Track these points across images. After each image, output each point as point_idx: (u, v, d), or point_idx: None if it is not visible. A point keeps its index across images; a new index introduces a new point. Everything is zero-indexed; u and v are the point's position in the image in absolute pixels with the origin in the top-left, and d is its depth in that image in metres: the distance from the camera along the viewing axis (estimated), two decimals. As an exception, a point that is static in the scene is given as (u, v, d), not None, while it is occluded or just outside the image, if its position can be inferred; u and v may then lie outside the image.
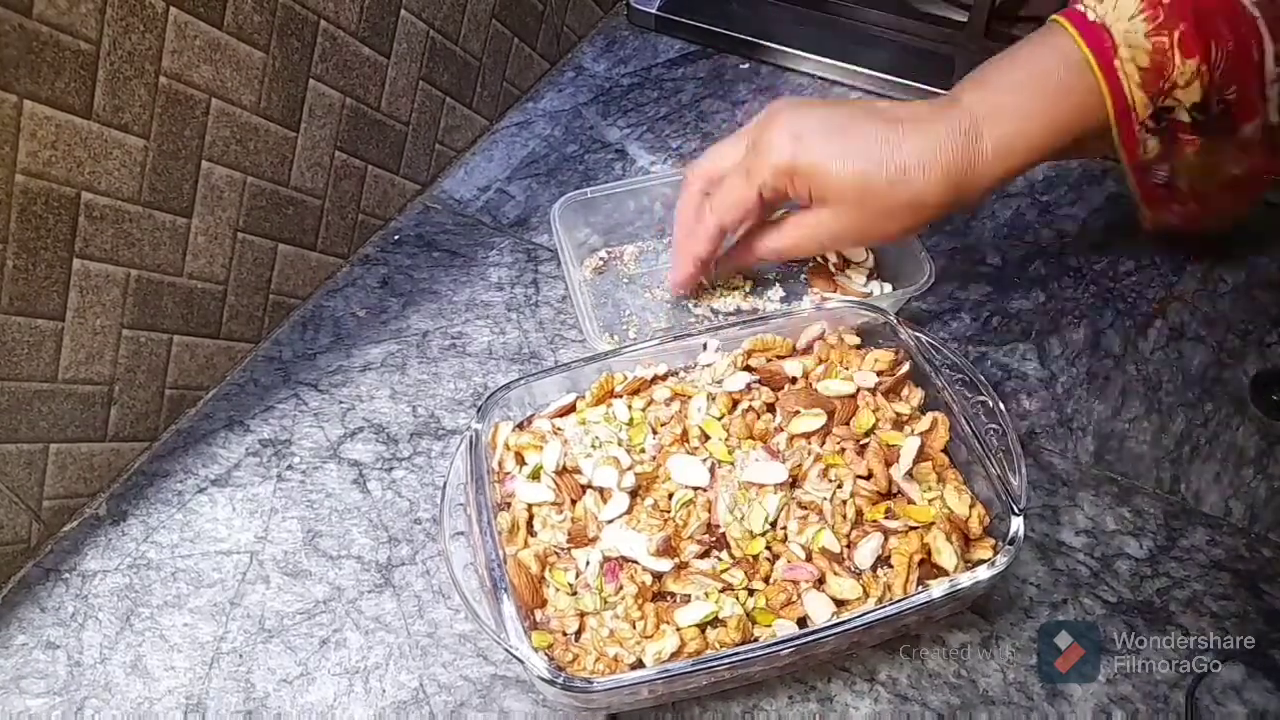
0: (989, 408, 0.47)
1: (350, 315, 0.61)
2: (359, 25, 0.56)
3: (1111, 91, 0.41)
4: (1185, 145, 0.43)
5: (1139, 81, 0.41)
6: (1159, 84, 0.41)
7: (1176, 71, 0.40)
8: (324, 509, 0.52)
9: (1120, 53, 0.41)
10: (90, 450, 0.51)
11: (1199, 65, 0.40)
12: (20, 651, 0.47)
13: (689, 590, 0.43)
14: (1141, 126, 0.42)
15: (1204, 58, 0.40)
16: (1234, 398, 0.55)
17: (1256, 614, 0.47)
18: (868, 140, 0.45)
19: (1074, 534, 0.50)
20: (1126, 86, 0.41)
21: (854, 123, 0.46)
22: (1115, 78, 0.41)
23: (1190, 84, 0.41)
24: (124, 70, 0.44)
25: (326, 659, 0.47)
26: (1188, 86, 0.41)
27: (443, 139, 0.68)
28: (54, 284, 0.45)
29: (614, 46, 0.80)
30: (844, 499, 0.45)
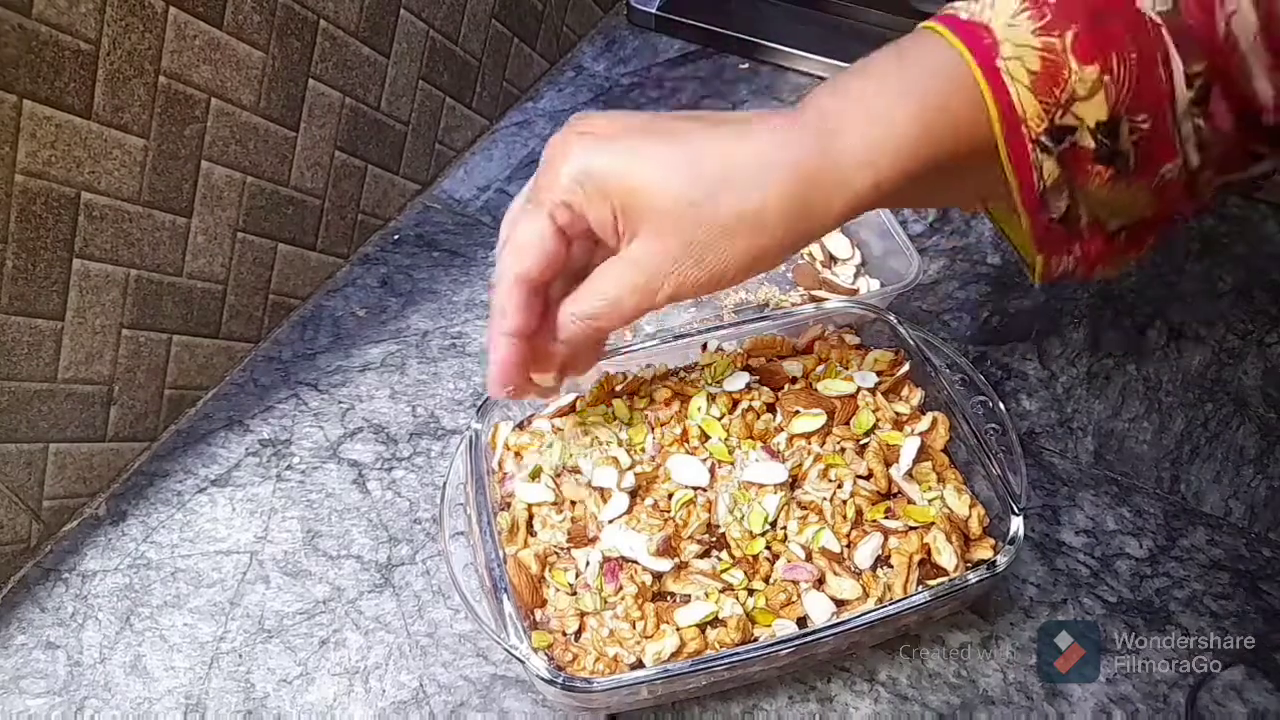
0: (989, 407, 0.47)
1: (350, 315, 0.61)
2: (359, 25, 0.56)
3: (996, 96, 0.33)
4: (1091, 177, 0.34)
5: (1029, 85, 0.33)
6: (1054, 92, 0.33)
7: (1074, 78, 0.32)
8: (324, 509, 0.52)
9: (1003, 51, 0.33)
10: (90, 450, 0.51)
11: (1099, 74, 0.32)
12: (20, 651, 0.47)
13: (689, 590, 0.43)
14: (1035, 144, 0.33)
15: (1104, 67, 0.32)
16: (1234, 398, 0.55)
17: (1256, 614, 0.47)
18: (686, 138, 0.35)
19: (1074, 534, 0.50)
20: (1014, 91, 0.33)
21: (666, 123, 0.36)
22: (999, 79, 0.33)
23: (1093, 96, 0.33)
24: (124, 70, 0.44)
25: (326, 659, 0.47)
26: (1090, 99, 0.33)
27: (443, 139, 0.68)
28: (54, 284, 0.45)
29: (614, 46, 0.80)
30: (844, 499, 0.45)
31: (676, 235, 0.35)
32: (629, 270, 0.36)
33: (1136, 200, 0.36)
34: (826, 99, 0.35)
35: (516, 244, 0.37)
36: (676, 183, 0.35)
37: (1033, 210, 0.35)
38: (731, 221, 0.35)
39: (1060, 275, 0.38)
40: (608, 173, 0.35)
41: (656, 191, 0.35)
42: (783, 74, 0.77)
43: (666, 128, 0.36)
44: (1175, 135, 0.34)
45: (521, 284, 0.37)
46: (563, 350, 0.40)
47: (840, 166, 0.34)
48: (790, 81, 0.76)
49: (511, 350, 0.39)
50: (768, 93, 0.76)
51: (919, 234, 0.65)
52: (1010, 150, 0.34)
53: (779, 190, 0.34)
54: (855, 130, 0.34)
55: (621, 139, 0.36)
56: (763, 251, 0.36)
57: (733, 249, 0.35)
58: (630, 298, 0.37)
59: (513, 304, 0.38)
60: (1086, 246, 0.36)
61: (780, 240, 0.35)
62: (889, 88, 0.35)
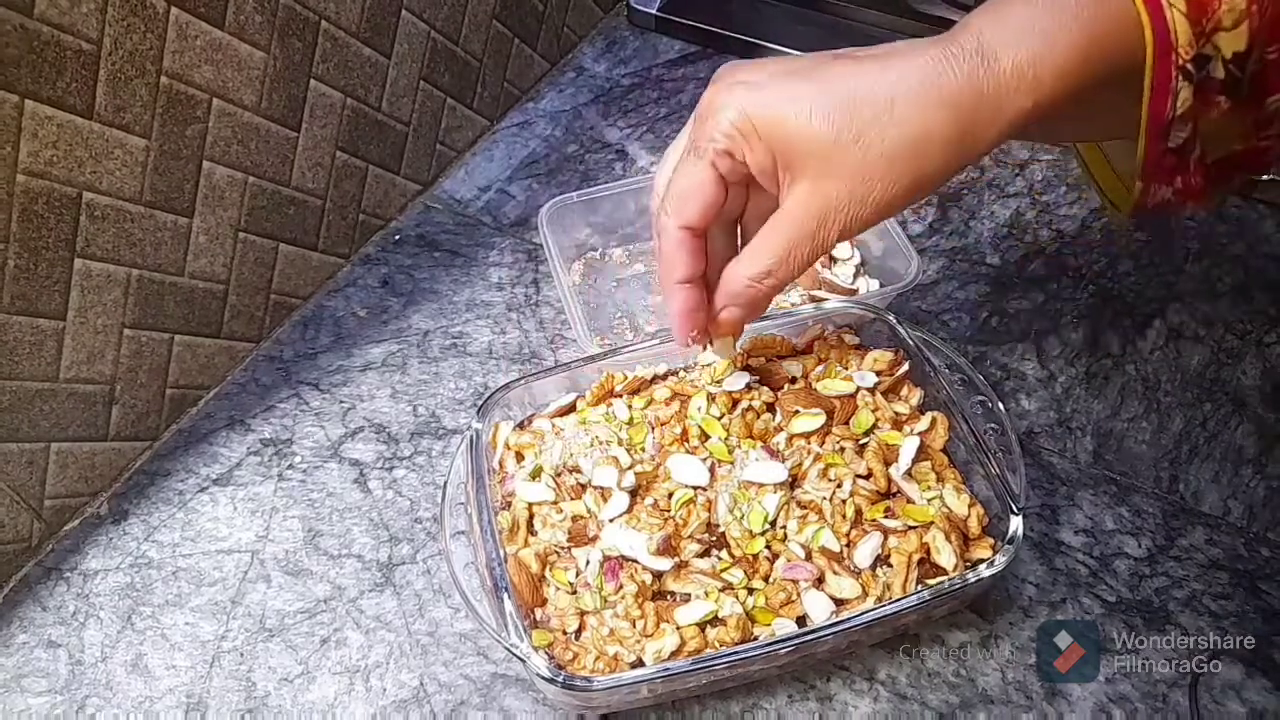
0: (988, 407, 0.47)
1: (351, 315, 0.62)
2: (360, 26, 0.57)
3: (1152, 18, 0.33)
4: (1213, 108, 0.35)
5: (1183, 10, 0.33)
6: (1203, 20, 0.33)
7: (1224, 6, 0.33)
8: (325, 508, 0.52)
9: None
10: (91, 449, 0.51)
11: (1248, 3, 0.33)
12: (22, 650, 0.47)
13: (689, 589, 0.43)
14: (1180, 71, 0.33)
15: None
16: (1233, 398, 0.55)
17: (1255, 613, 0.47)
18: (841, 75, 0.35)
19: (1073, 533, 0.50)
20: (1169, 14, 0.33)
21: (820, 62, 0.36)
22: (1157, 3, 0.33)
23: (1237, 26, 0.33)
24: (125, 70, 0.44)
25: (327, 658, 0.47)
26: (1234, 29, 0.33)
27: (443, 139, 0.68)
28: (55, 284, 0.45)
29: (614, 47, 0.80)
30: (843, 498, 0.45)
31: (840, 176, 0.35)
32: (797, 221, 0.37)
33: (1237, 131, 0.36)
34: (982, 22, 0.35)
35: (679, 192, 0.38)
36: (836, 122, 0.34)
37: (1155, 138, 0.35)
38: (894, 153, 0.34)
39: (1154, 206, 0.38)
40: (766, 118, 0.35)
41: (816, 133, 0.35)
42: (783, 74, 0.77)
43: (819, 70, 0.36)
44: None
45: (686, 231, 0.38)
46: (743, 315, 0.41)
47: (1003, 94, 0.34)
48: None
49: (689, 297, 0.40)
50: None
51: (918, 234, 0.65)
52: (1156, 75, 0.34)
53: (940, 116, 0.34)
54: (1016, 58, 0.34)
55: (776, 84, 0.36)
56: (927, 179, 0.36)
57: (897, 181, 0.35)
58: (802, 247, 0.37)
59: (683, 252, 0.39)
60: (1189, 178, 0.37)
61: (943, 166, 0.35)
62: (1045, 15, 0.34)
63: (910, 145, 0.35)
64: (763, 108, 0.36)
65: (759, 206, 0.40)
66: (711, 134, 0.37)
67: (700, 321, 0.41)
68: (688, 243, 0.39)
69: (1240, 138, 0.36)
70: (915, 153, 0.35)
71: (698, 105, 0.38)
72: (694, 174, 0.38)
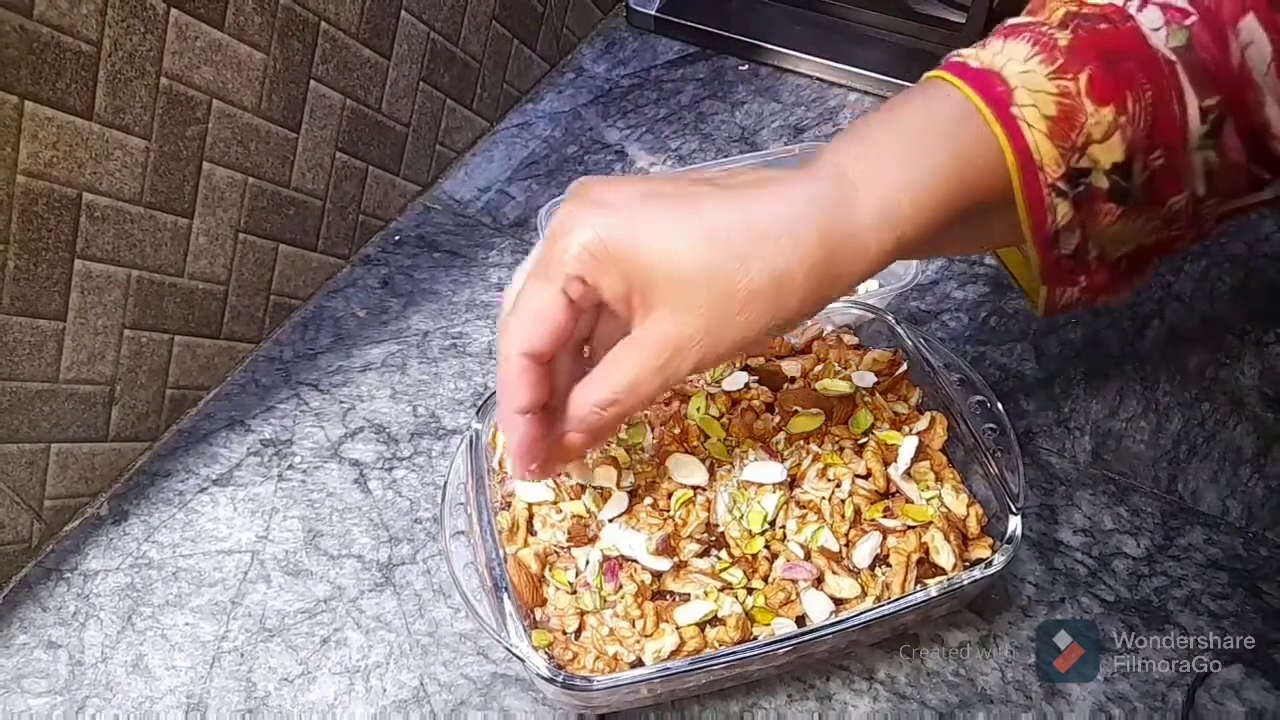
0: (987, 407, 0.47)
1: (351, 315, 0.62)
2: (360, 27, 0.57)
3: (1013, 144, 0.32)
4: (1103, 215, 0.34)
5: (1045, 132, 0.32)
6: (1070, 136, 0.32)
7: (1090, 121, 0.32)
8: (325, 508, 0.52)
9: (1017, 97, 0.32)
10: (92, 450, 0.51)
11: (1115, 115, 0.32)
12: (22, 651, 0.47)
13: (688, 589, 0.43)
14: (1051, 189, 0.33)
15: (1120, 108, 0.32)
16: (1231, 397, 0.55)
17: (1255, 613, 0.47)
18: (701, 205, 0.33)
19: (1072, 533, 0.51)
20: (1031, 138, 0.32)
21: (683, 188, 0.34)
22: (1014, 125, 0.32)
23: (1108, 137, 0.32)
24: (125, 71, 0.44)
25: (327, 658, 0.47)
26: (1105, 141, 0.32)
27: (443, 140, 0.68)
28: (55, 284, 0.45)
29: (613, 48, 0.81)
30: (842, 498, 0.45)
31: (696, 309, 0.34)
32: (649, 351, 0.35)
33: (1142, 231, 0.35)
34: (844, 158, 0.34)
35: (524, 316, 0.35)
36: (696, 253, 0.33)
37: (1043, 249, 0.35)
38: (756, 290, 0.33)
39: (1064, 306, 0.37)
40: (623, 244, 0.33)
41: (675, 263, 0.33)
42: (782, 75, 0.77)
43: (679, 193, 0.34)
44: (1186, 168, 0.33)
45: (529, 359, 0.36)
46: (586, 441, 0.38)
47: (865, 229, 0.33)
48: (789, 83, 0.77)
49: (530, 429, 0.37)
50: (767, 94, 0.76)
51: (918, 234, 0.65)
52: (1027, 195, 0.33)
53: (804, 254, 0.33)
54: (877, 192, 0.33)
55: (636, 208, 0.34)
56: (785, 318, 0.34)
57: (758, 319, 0.34)
58: (651, 380, 0.35)
59: (522, 381, 0.36)
60: (1092, 278, 0.36)
61: (802, 304, 0.34)
62: (906, 145, 0.34)
63: (773, 282, 0.33)
64: (621, 232, 0.33)
65: (608, 329, 0.38)
66: (563, 257, 0.34)
67: (540, 453, 0.38)
68: (530, 371, 0.36)
69: (1151, 233, 0.36)
70: (777, 290, 0.33)
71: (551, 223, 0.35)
72: (541, 298, 0.35)
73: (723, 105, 0.75)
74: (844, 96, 0.75)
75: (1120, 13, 0.33)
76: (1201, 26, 0.32)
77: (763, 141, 0.72)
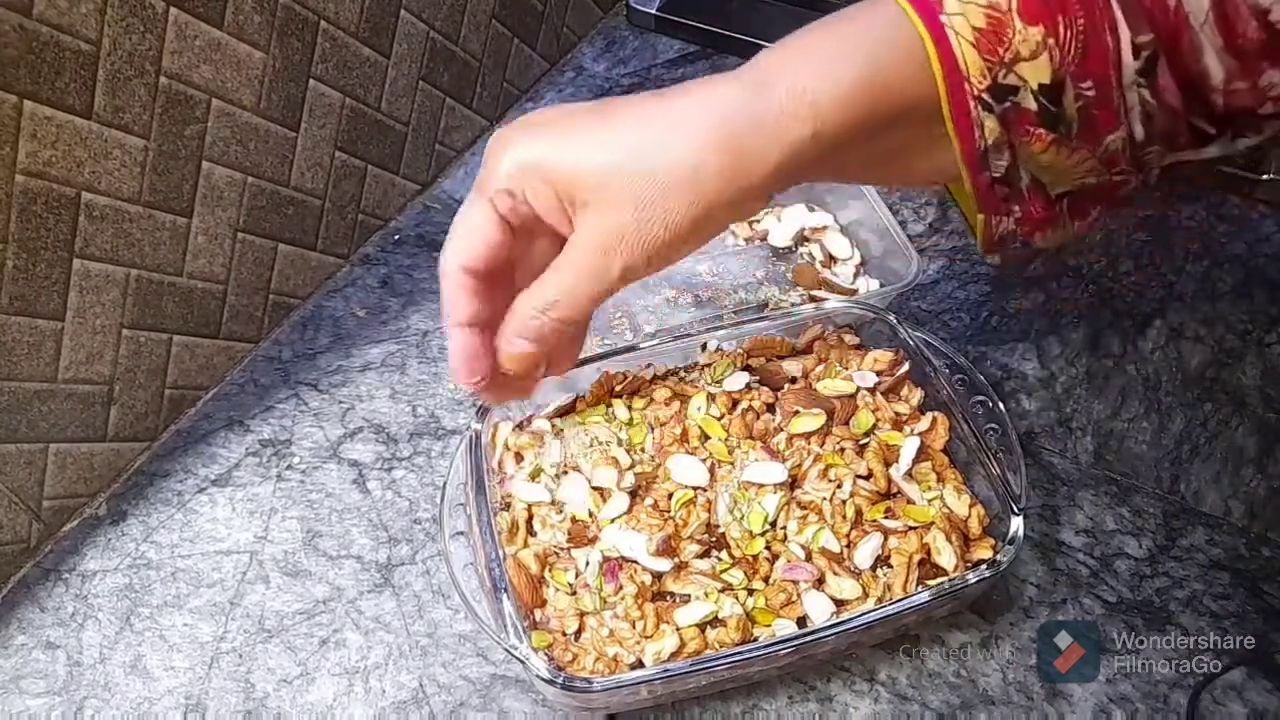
0: (988, 407, 0.47)
1: (350, 315, 0.61)
2: (359, 26, 0.57)
3: (939, 48, 0.33)
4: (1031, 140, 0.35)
5: (972, 41, 0.33)
6: (997, 51, 0.33)
7: (1018, 38, 0.33)
8: (324, 509, 0.52)
9: (947, 6, 0.33)
10: (90, 450, 0.51)
11: (1044, 36, 0.33)
12: (20, 651, 0.47)
13: (689, 590, 0.43)
14: (977, 101, 0.33)
15: (1049, 29, 0.33)
16: (1233, 397, 0.55)
17: (1256, 613, 0.47)
18: (618, 114, 0.35)
19: (1073, 534, 0.50)
20: (957, 45, 0.33)
21: (606, 103, 0.36)
22: (941, 32, 0.33)
23: (1036, 57, 0.33)
24: (124, 70, 0.44)
25: (326, 659, 0.47)
26: (1033, 60, 0.33)
27: (443, 139, 0.68)
28: (54, 284, 0.45)
29: (613, 47, 0.80)
30: (843, 499, 0.45)
31: (616, 207, 0.35)
32: (577, 253, 0.36)
33: (1079, 167, 0.36)
34: (767, 56, 0.35)
35: (457, 233, 0.37)
36: (607, 153, 0.34)
37: (973, 168, 0.35)
38: (669, 181, 0.34)
39: (1002, 239, 0.38)
40: (544, 156, 0.35)
41: (590, 166, 0.35)
42: (782, 74, 0.77)
43: (599, 108, 0.36)
44: (1120, 105, 0.34)
45: (465, 273, 0.37)
46: (529, 348, 0.38)
47: (775, 115, 0.34)
48: (790, 82, 0.77)
49: (466, 340, 0.38)
50: (767, 93, 0.76)
51: (918, 234, 0.65)
52: (952, 105, 0.34)
53: (710, 140, 0.34)
54: (791, 82, 0.34)
55: (557, 123, 0.36)
56: (705, 211, 0.35)
57: (674, 211, 0.35)
58: (584, 282, 0.36)
59: (460, 293, 0.37)
60: (1027, 208, 0.37)
61: (721, 196, 0.35)
62: (829, 42, 0.34)
63: (685, 173, 0.34)
64: (543, 145, 0.35)
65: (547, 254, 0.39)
66: (493, 174, 0.36)
67: (484, 367, 0.39)
68: (467, 284, 0.37)
69: (1090, 173, 0.36)
70: (691, 181, 0.34)
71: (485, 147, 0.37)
72: (474, 215, 0.37)
73: (723, 105, 0.75)
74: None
75: None
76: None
77: (763, 141, 0.72)
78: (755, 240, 0.63)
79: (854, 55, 0.34)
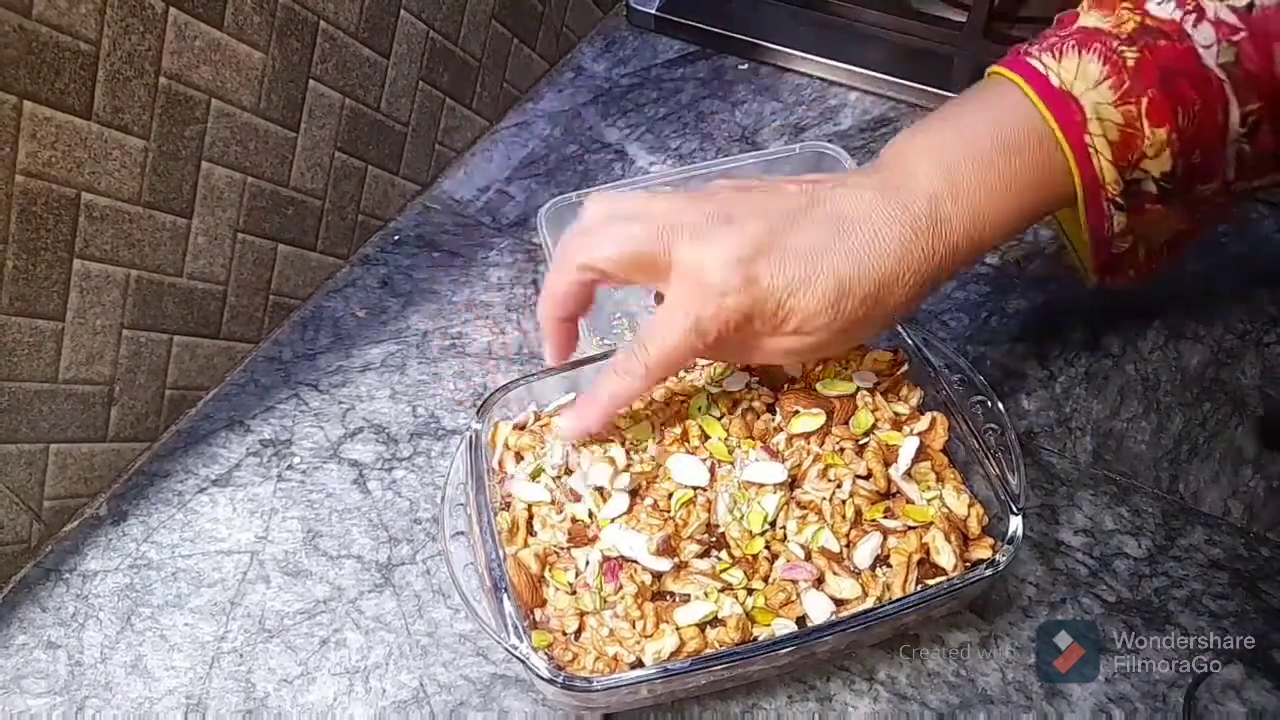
0: (988, 407, 0.47)
1: (350, 315, 0.62)
2: (359, 26, 0.57)
3: (1080, 169, 0.38)
4: (1149, 215, 0.40)
5: (1110, 158, 0.37)
6: (1129, 157, 0.37)
7: (1147, 143, 0.37)
8: (324, 509, 0.52)
9: (1090, 127, 0.37)
10: (91, 450, 0.51)
11: (1169, 134, 0.37)
12: (21, 651, 0.47)
13: (688, 590, 0.43)
14: (1110, 203, 0.38)
15: (1173, 125, 0.37)
16: (1233, 397, 0.55)
17: (1255, 613, 0.47)
18: (828, 253, 0.38)
19: (1072, 533, 0.50)
20: (1097, 163, 0.37)
21: (798, 230, 0.38)
22: (1085, 154, 0.37)
23: (1160, 154, 0.37)
24: (124, 71, 0.44)
25: (327, 659, 0.47)
26: (1157, 157, 0.37)
27: (442, 139, 0.68)
28: (54, 284, 0.45)
29: (613, 47, 0.80)
30: (843, 499, 0.45)
31: (819, 335, 0.40)
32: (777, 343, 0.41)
33: (1175, 220, 0.41)
34: (929, 175, 0.38)
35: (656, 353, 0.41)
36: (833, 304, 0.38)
37: (1099, 251, 0.41)
38: (870, 324, 0.40)
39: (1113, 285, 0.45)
40: (775, 307, 0.38)
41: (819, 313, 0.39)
42: (782, 74, 0.77)
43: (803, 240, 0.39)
44: (1222, 161, 0.38)
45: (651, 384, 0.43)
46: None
47: (950, 266, 0.39)
48: (790, 82, 0.77)
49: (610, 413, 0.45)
50: (767, 93, 0.76)
51: (918, 234, 0.65)
52: (1088, 210, 0.39)
53: (911, 299, 0.39)
54: (963, 226, 0.38)
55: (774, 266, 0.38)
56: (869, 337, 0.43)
57: (857, 338, 0.42)
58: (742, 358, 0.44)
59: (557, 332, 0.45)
60: (1140, 269, 0.43)
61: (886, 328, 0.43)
62: (987, 162, 0.38)
63: (886, 317, 0.40)
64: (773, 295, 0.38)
65: None
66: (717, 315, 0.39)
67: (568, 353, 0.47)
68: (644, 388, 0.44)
69: (1180, 220, 0.41)
70: (884, 321, 0.40)
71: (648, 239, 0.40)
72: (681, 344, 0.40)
73: (723, 104, 0.75)
74: (844, 96, 0.75)
75: (1178, 30, 0.37)
76: (1249, 41, 0.36)
77: (763, 141, 0.72)
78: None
79: (1009, 185, 0.38)
